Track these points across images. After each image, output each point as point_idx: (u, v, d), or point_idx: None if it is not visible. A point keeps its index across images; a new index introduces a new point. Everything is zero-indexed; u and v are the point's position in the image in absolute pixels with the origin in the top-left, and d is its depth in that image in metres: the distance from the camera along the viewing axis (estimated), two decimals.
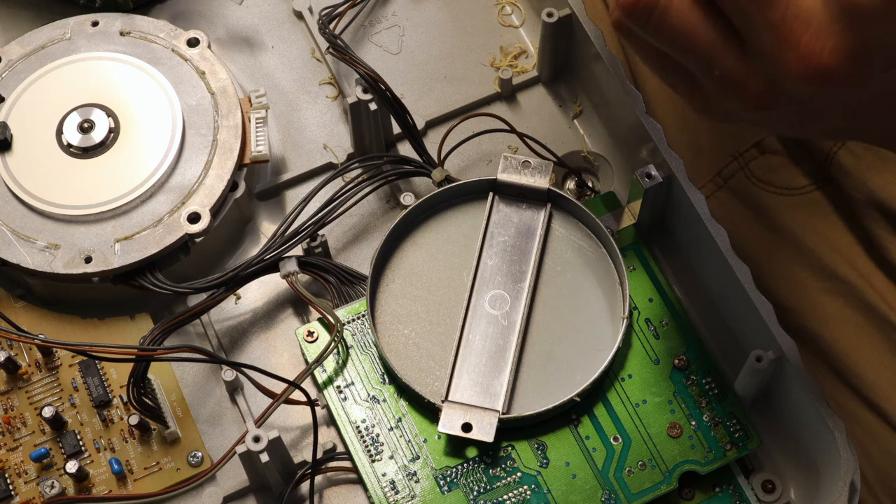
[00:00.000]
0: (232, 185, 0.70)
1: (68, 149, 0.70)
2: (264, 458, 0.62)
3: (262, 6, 0.79)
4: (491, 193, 0.69)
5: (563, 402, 0.64)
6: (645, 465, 0.64)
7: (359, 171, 0.72)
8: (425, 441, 0.65)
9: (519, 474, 0.64)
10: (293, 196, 0.74)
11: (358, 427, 0.65)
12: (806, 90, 0.49)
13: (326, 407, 0.67)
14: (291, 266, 0.68)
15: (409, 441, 0.65)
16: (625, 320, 0.66)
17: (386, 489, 0.64)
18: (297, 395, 0.64)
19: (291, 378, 0.64)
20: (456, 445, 0.65)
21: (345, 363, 0.67)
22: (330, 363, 0.66)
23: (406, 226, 0.69)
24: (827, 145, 0.78)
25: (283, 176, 0.74)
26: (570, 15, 0.72)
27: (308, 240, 0.69)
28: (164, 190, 0.69)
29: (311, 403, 0.64)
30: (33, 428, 0.67)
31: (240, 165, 0.71)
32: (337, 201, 0.69)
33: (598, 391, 0.65)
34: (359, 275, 0.69)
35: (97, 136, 0.70)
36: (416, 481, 0.64)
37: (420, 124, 0.74)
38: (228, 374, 0.67)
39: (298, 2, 0.78)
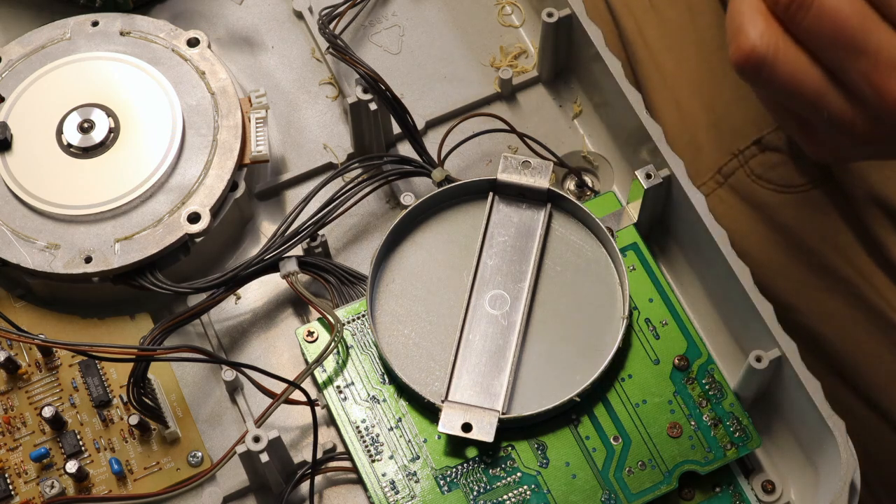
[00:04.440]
0: (232, 185, 0.70)
1: (68, 149, 0.70)
2: (264, 458, 0.62)
3: (262, 6, 0.79)
4: (491, 193, 0.69)
5: (563, 402, 0.64)
6: (645, 465, 0.64)
7: (359, 171, 0.72)
8: (425, 441, 0.65)
9: (519, 474, 0.64)
10: (293, 196, 0.74)
11: (358, 427, 0.65)
12: None
13: (326, 407, 0.67)
14: (291, 266, 0.68)
15: (409, 441, 0.65)
16: (625, 320, 0.66)
17: (386, 489, 0.64)
18: (297, 395, 0.64)
19: (291, 378, 0.64)
20: (456, 445, 0.65)
21: (345, 363, 0.67)
22: (330, 363, 0.66)
23: (406, 226, 0.69)
24: None
25: (283, 176, 0.74)
26: (570, 15, 0.72)
27: (308, 240, 0.69)
28: (164, 190, 0.69)
29: (311, 403, 0.64)
30: (33, 428, 0.67)
31: (240, 165, 0.71)
32: (337, 201, 0.69)
33: (598, 391, 0.65)
34: (359, 275, 0.69)
35: (97, 136, 0.70)
36: (416, 481, 0.64)
37: (420, 124, 0.74)
38: (228, 374, 0.67)
39: (298, 2, 0.78)
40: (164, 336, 0.67)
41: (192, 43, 0.73)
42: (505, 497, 0.64)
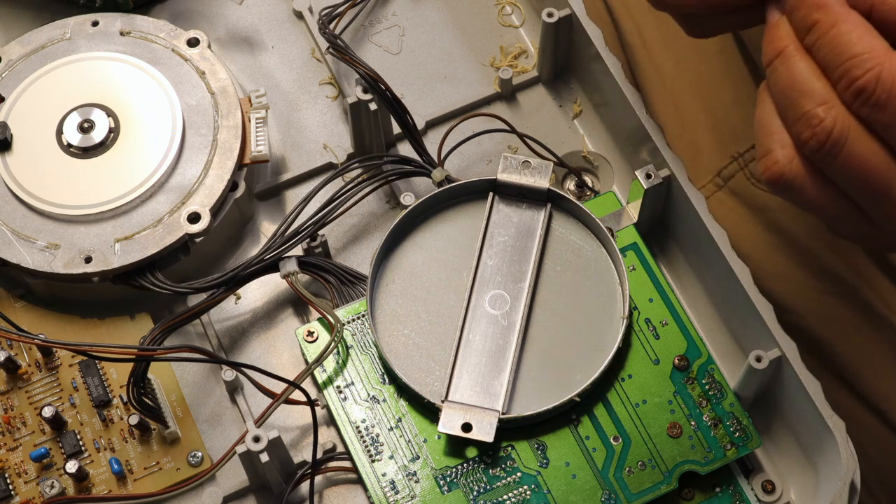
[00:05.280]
0: (232, 185, 0.70)
1: (68, 149, 0.70)
2: (264, 458, 0.62)
3: (262, 6, 0.79)
4: (491, 193, 0.69)
5: (563, 402, 0.64)
6: (645, 465, 0.64)
7: (359, 171, 0.72)
8: (425, 441, 0.65)
9: (519, 474, 0.64)
10: (293, 196, 0.74)
11: (358, 427, 0.65)
12: None
13: (326, 407, 0.67)
14: (291, 266, 0.68)
15: (409, 441, 0.65)
16: (625, 320, 0.66)
17: (386, 489, 0.64)
18: (297, 395, 0.64)
19: (291, 378, 0.64)
20: (456, 445, 0.65)
21: (345, 363, 0.66)
22: (330, 363, 0.66)
23: (406, 226, 0.69)
24: None
25: (283, 176, 0.74)
26: (570, 15, 0.72)
27: (308, 240, 0.69)
28: (164, 190, 0.69)
29: (311, 403, 0.64)
30: (33, 428, 0.67)
31: (240, 165, 0.71)
32: (337, 201, 0.69)
33: (598, 391, 0.65)
34: (359, 275, 0.69)
35: (97, 136, 0.70)
36: (416, 481, 0.64)
37: (420, 124, 0.74)
38: (228, 374, 0.67)
39: (298, 2, 0.78)
40: (164, 336, 0.67)
41: (192, 43, 0.73)
42: (505, 497, 0.64)
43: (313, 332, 0.67)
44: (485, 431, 0.63)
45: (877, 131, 0.53)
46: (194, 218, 0.68)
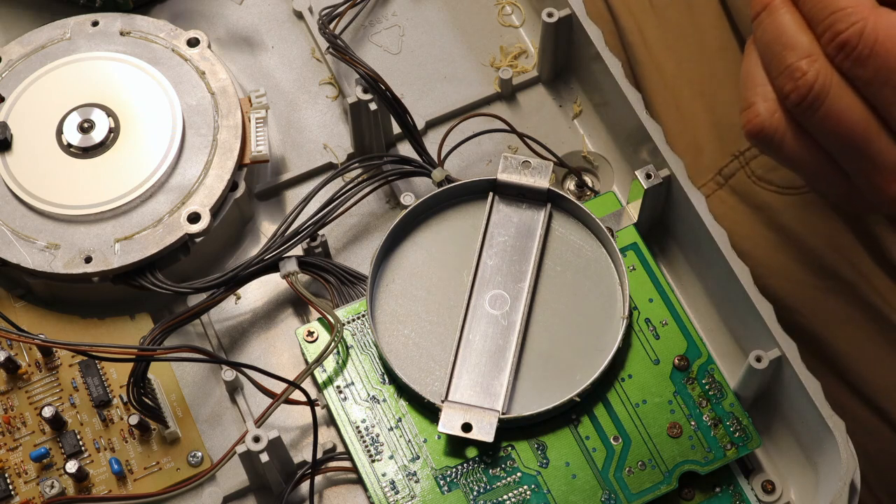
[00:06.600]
0: (232, 185, 0.70)
1: (68, 149, 0.70)
2: (264, 458, 0.62)
3: (262, 6, 0.79)
4: (491, 193, 0.69)
5: (563, 402, 0.64)
6: (645, 465, 0.64)
7: (359, 171, 0.72)
8: (425, 441, 0.65)
9: (519, 474, 0.64)
10: (293, 196, 0.74)
11: (358, 427, 0.65)
12: None
13: (326, 407, 0.67)
14: (291, 266, 0.68)
15: (409, 441, 0.65)
16: (625, 320, 0.66)
17: (386, 489, 0.64)
18: (297, 395, 0.64)
19: (291, 378, 0.64)
20: (456, 445, 0.65)
21: (345, 363, 0.67)
22: (330, 363, 0.66)
23: (406, 226, 0.69)
24: None
25: (283, 176, 0.74)
26: (570, 15, 0.72)
27: (308, 240, 0.69)
28: (164, 190, 0.69)
29: (311, 403, 0.64)
30: (33, 428, 0.67)
31: (240, 165, 0.71)
32: (337, 201, 0.69)
33: (598, 391, 0.65)
34: (359, 275, 0.69)
35: (97, 136, 0.70)
36: (416, 481, 0.64)
37: (420, 124, 0.74)
38: (228, 374, 0.67)
39: (298, 2, 0.78)
40: (164, 336, 0.67)
41: (192, 43, 0.73)
42: (505, 497, 0.64)
43: (313, 332, 0.67)
44: (485, 431, 0.63)
45: (858, 87, 0.53)
46: (194, 218, 0.68)
